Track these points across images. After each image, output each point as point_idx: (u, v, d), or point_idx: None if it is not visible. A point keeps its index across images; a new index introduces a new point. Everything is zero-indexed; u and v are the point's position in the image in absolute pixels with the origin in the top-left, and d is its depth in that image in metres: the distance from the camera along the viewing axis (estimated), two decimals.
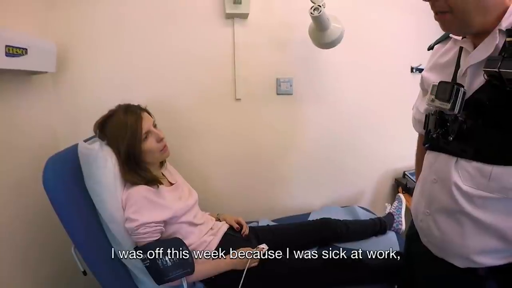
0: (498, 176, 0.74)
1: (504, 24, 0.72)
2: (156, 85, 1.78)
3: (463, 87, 0.79)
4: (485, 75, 0.73)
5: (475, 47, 0.80)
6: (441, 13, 0.76)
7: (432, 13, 0.79)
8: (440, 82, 0.84)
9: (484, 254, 0.82)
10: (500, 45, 0.72)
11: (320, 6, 1.50)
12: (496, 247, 0.80)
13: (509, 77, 0.66)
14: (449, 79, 0.85)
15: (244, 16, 1.75)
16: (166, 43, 1.75)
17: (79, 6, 1.62)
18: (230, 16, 1.75)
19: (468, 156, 0.79)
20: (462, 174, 0.81)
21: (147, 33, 1.72)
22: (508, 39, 0.68)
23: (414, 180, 1.99)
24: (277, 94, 1.92)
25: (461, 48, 0.85)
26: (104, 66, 1.71)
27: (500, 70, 0.67)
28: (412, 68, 2.07)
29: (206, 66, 1.81)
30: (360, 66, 1.99)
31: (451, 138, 0.82)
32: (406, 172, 2.15)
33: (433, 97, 0.85)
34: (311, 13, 1.52)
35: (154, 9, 1.70)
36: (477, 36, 0.79)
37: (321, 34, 1.65)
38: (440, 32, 0.92)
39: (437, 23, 0.80)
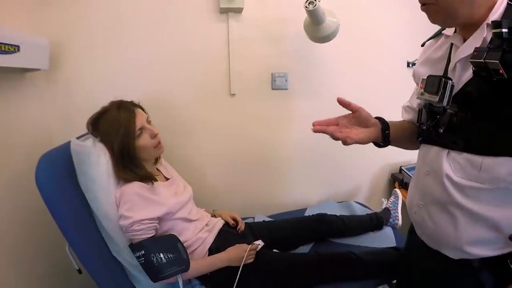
0: (488, 166, 0.76)
1: (492, 19, 0.73)
2: (150, 81, 1.77)
3: (451, 80, 0.80)
4: (472, 67, 0.74)
5: (464, 42, 0.82)
6: (426, 4, 0.78)
7: None
8: (429, 76, 0.86)
9: (477, 245, 0.83)
10: (488, 39, 0.73)
11: (315, 0, 1.49)
12: (489, 237, 0.81)
13: (494, 67, 0.67)
14: (440, 73, 0.87)
15: (238, 10, 1.74)
16: (160, 38, 1.73)
17: (72, 2, 1.60)
18: (225, 11, 1.73)
19: (459, 147, 0.81)
20: (454, 166, 0.83)
21: (141, 29, 1.70)
22: (493, 30, 0.68)
23: (411, 175, 2.00)
24: (272, 89, 1.91)
25: (452, 44, 0.87)
26: (97, 62, 1.69)
27: (486, 60, 0.68)
28: (408, 63, 2.07)
29: (201, 62, 1.79)
30: (356, 60, 1.98)
31: (442, 130, 0.84)
32: (402, 167, 2.15)
33: (422, 90, 0.87)
34: (306, 6, 1.51)
35: (148, 4, 1.68)
36: (467, 31, 0.81)
37: (316, 28, 1.64)
38: (436, 27, 0.92)
39: None
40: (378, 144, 1.04)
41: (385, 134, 1.00)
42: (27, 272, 1.38)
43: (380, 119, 1.02)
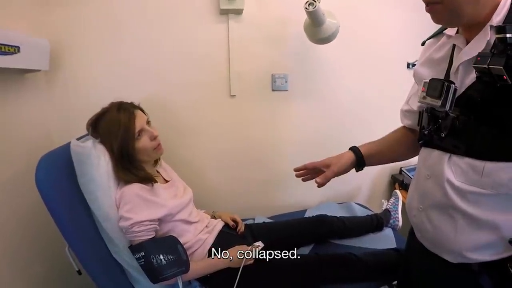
0: (490, 171, 0.75)
1: (495, 20, 0.72)
2: (151, 82, 1.77)
3: (454, 84, 0.79)
4: (476, 72, 0.73)
5: (467, 43, 0.80)
6: (432, 4, 0.76)
7: None
8: (431, 79, 0.85)
9: (476, 250, 0.82)
10: (492, 41, 0.71)
11: (315, 1, 1.49)
12: (489, 242, 0.80)
13: (498, 73, 0.66)
14: (442, 75, 0.86)
15: (238, 11, 1.74)
16: (160, 39, 1.73)
17: (72, 3, 1.60)
18: (225, 12, 1.73)
19: (461, 152, 0.80)
20: (455, 170, 0.82)
21: (141, 30, 1.70)
22: (497, 35, 0.68)
23: (411, 177, 2.00)
24: (272, 90, 1.91)
25: (454, 45, 0.85)
26: (98, 64, 1.69)
27: (490, 66, 0.67)
28: (408, 64, 2.07)
29: (201, 63, 1.79)
30: (356, 62, 1.98)
31: (444, 135, 0.83)
32: (402, 168, 2.15)
33: (424, 94, 0.86)
34: (306, 8, 1.50)
35: (148, 5, 1.69)
36: (470, 31, 0.80)
37: (317, 29, 1.63)
38: (435, 28, 0.91)
39: None
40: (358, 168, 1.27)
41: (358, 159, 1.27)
42: (23, 271, 1.37)
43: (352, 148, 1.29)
